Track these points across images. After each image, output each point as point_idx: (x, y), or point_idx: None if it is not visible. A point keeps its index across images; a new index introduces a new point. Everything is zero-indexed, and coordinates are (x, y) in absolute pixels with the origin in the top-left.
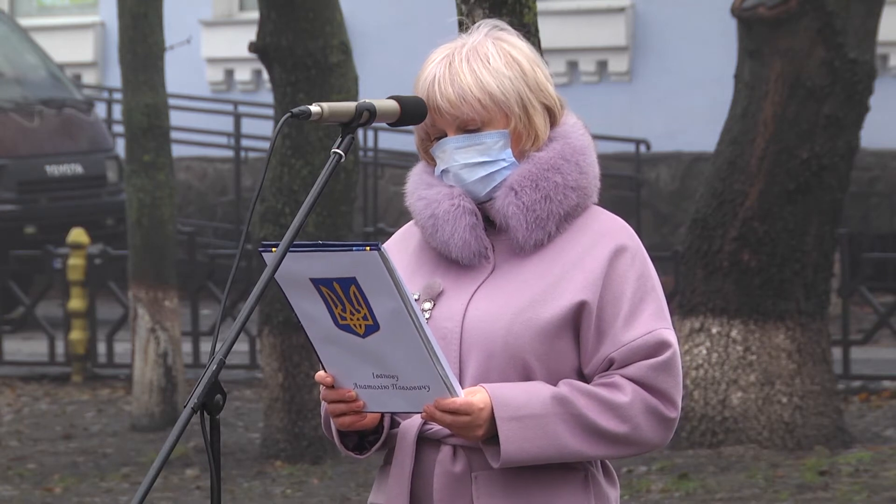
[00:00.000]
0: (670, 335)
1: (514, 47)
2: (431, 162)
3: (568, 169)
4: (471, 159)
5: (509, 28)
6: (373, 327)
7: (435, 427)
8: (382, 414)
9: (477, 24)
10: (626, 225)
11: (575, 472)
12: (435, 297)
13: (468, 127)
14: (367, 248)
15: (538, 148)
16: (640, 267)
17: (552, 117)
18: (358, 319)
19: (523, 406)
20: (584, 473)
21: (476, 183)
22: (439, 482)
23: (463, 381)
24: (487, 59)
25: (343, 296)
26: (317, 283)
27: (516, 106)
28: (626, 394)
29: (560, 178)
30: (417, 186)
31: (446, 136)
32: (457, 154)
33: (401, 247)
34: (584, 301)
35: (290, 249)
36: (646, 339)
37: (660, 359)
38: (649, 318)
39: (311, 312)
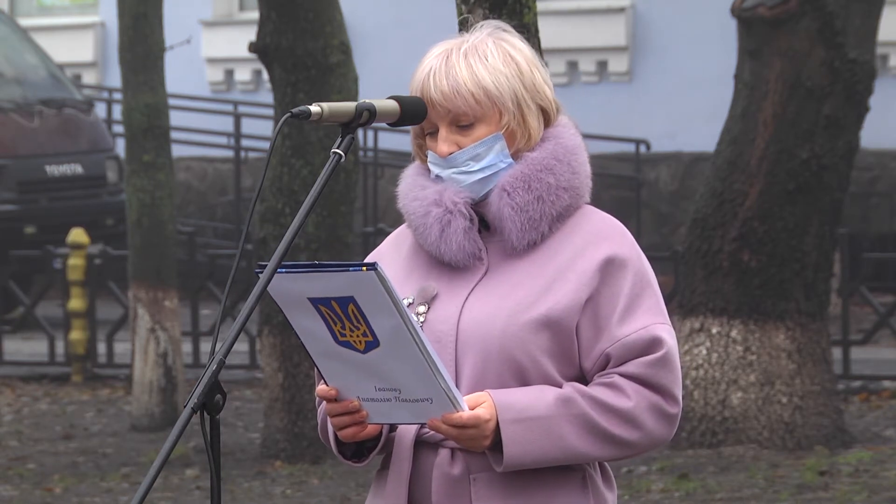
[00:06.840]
0: (666, 329)
1: (514, 48)
2: (426, 161)
3: (560, 169)
4: (470, 169)
5: (512, 30)
6: (373, 343)
7: (433, 431)
8: None
9: (480, 24)
10: (619, 224)
11: (573, 473)
12: (429, 301)
13: (460, 122)
14: (364, 268)
15: (530, 148)
16: (636, 263)
17: (546, 119)
18: (358, 336)
19: (527, 408)
20: (582, 475)
21: (475, 184)
22: (438, 485)
23: (459, 383)
24: (486, 57)
25: (342, 314)
26: (315, 302)
27: (510, 102)
28: (630, 397)
29: (553, 179)
30: (412, 188)
31: (438, 130)
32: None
33: (393, 251)
34: (578, 302)
35: (288, 270)
36: (640, 335)
37: (657, 355)
38: (645, 314)
39: (311, 329)
